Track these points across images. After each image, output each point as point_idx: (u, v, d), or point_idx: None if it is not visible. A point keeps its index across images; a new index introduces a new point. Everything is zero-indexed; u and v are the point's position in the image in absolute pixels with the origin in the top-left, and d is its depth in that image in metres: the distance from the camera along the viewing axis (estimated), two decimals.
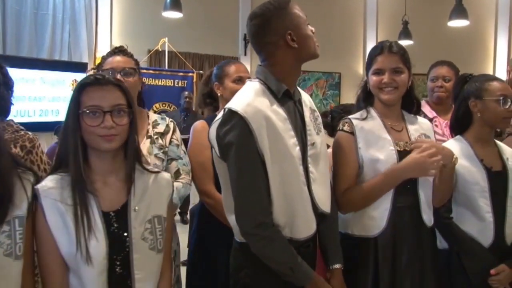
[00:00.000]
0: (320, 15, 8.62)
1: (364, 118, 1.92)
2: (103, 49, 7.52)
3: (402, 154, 1.87)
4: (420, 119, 2.04)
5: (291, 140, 1.56)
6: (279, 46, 1.59)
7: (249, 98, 1.55)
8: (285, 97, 1.62)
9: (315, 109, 1.78)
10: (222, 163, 1.58)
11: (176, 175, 2.04)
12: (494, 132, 2.11)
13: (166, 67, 7.17)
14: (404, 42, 7.93)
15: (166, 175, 1.59)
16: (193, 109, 6.39)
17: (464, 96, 2.09)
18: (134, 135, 1.48)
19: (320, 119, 1.78)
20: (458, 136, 2.15)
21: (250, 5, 8.58)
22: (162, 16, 6.60)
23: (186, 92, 6.32)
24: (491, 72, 9.46)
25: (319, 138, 1.70)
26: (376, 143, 1.87)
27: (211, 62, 8.61)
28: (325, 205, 1.69)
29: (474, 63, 9.35)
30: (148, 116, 2.08)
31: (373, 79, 1.92)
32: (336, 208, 1.83)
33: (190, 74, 6.92)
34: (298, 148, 1.57)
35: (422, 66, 3.03)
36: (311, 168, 1.63)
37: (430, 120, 2.71)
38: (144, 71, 6.64)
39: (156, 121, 2.08)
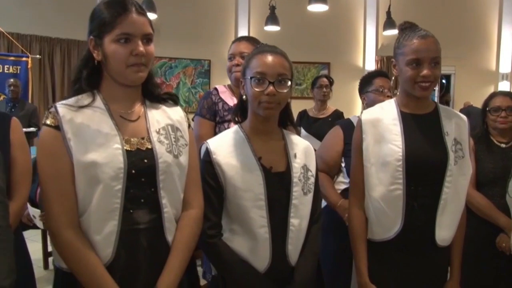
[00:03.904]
0: (191, 1, 8.06)
1: (84, 105, 1.36)
2: None
3: (132, 155, 1.35)
4: (174, 107, 1.54)
5: None
6: None
7: None
8: None
9: None
10: None
11: None
12: (273, 122, 1.65)
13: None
14: (271, 28, 7.60)
15: None
16: (29, 98, 5.56)
17: None
18: None
19: None
20: (235, 127, 1.67)
21: None
22: None
23: (12, 80, 5.40)
24: (361, 61, 9.51)
25: None
26: (93, 141, 1.32)
27: (63, 46, 7.71)
28: None
29: (345, 51, 9.35)
30: None
31: (118, 49, 1.35)
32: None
33: (24, 59, 5.96)
34: None
35: (291, 53, 2.61)
36: None
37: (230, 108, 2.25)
38: None
39: None
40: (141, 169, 1.36)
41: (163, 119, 1.47)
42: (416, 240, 1.69)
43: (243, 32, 8.78)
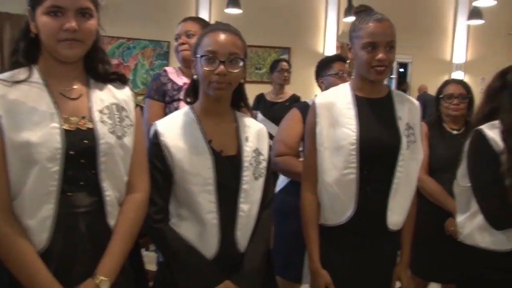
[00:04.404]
0: None
1: (20, 80, 1.27)
2: None
3: (71, 135, 1.27)
4: (120, 88, 1.45)
5: None
6: None
7: None
8: None
9: None
10: None
11: None
12: (225, 103, 1.59)
13: None
14: (233, 11, 7.47)
15: None
16: None
17: None
18: None
19: None
20: (186, 108, 1.61)
21: None
22: None
23: None
24: (321, 47, 9.52)
25: None
26: (28, 119, 1.23)
27: (13, 22, 7.34)
28: None
29: (306, 37, 9.32)
30: None
31: (48, 23, 1.26)
32: None
33: None
34: None
35: (252, 37, 2.53)
36: None
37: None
38: None
39: None
40: (80, 150, 1.27)
41: (108, 98, 1.38)
42: (368, 224, 1.68)
43: (204, 14, 8.60)
